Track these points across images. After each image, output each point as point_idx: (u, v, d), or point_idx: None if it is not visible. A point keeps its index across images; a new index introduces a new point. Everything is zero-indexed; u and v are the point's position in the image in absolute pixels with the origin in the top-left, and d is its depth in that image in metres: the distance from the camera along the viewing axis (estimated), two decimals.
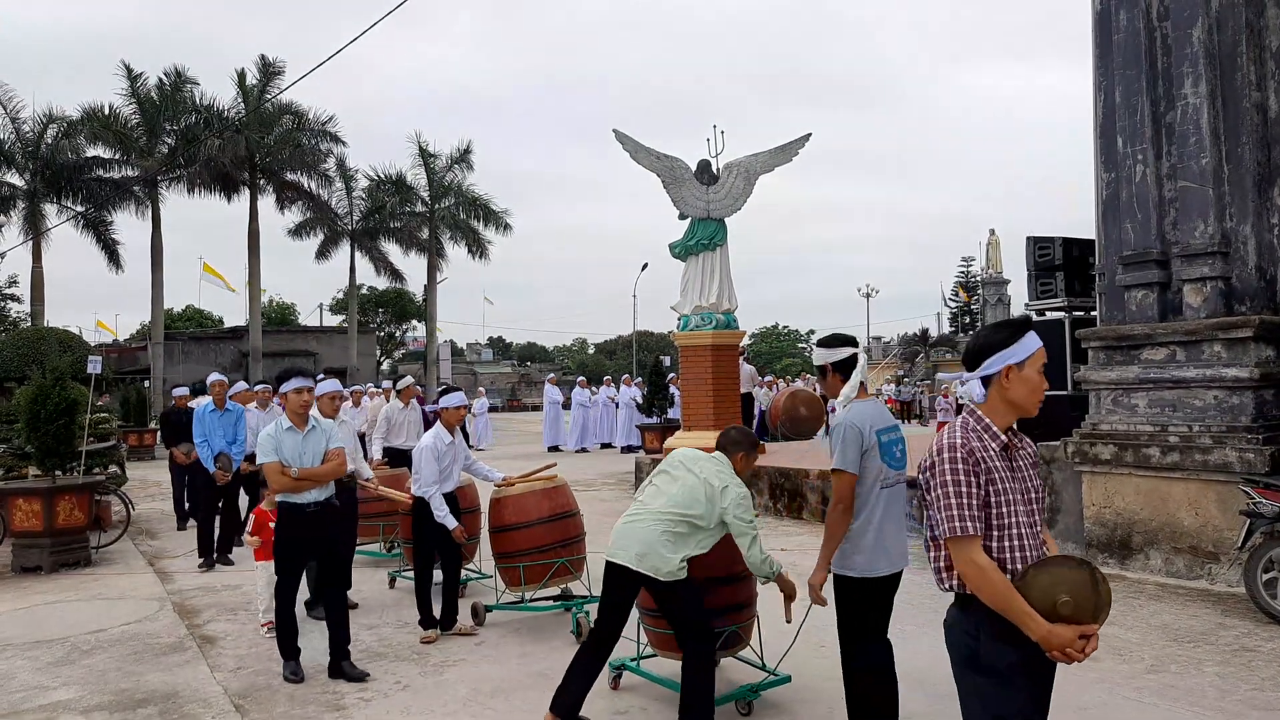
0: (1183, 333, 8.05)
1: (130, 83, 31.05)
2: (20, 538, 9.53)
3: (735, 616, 5.00)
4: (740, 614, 5.04)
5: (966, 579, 2.66)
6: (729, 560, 4.91)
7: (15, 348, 14.23)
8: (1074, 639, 2.52)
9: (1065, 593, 2.52)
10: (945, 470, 2.69)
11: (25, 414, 10.07)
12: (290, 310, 59.30)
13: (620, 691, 5.34)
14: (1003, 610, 2.58)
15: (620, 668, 5.39)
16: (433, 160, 37.78)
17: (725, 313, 14.12)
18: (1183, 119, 8.25)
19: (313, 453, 5.88)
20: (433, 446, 6.62)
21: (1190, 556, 7.69)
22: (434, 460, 6.57)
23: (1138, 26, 8.52)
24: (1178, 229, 8.31)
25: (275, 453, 5.80)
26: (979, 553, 2.64)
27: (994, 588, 2.58)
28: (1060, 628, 2.52)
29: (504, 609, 6.91)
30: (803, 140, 14.66)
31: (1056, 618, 2.52)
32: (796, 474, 11.72)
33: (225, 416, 9.77)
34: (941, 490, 2.68)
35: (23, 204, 30.53)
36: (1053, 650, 2.54)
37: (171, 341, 34.70)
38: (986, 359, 2.78)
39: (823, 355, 4.33)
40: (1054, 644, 2.53)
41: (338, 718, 5.12)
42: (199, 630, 7.04)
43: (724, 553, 4.88)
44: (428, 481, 6.55)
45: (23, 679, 5.96)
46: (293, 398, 5.91)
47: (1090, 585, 2.54)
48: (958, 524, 2.63)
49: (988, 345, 2.79)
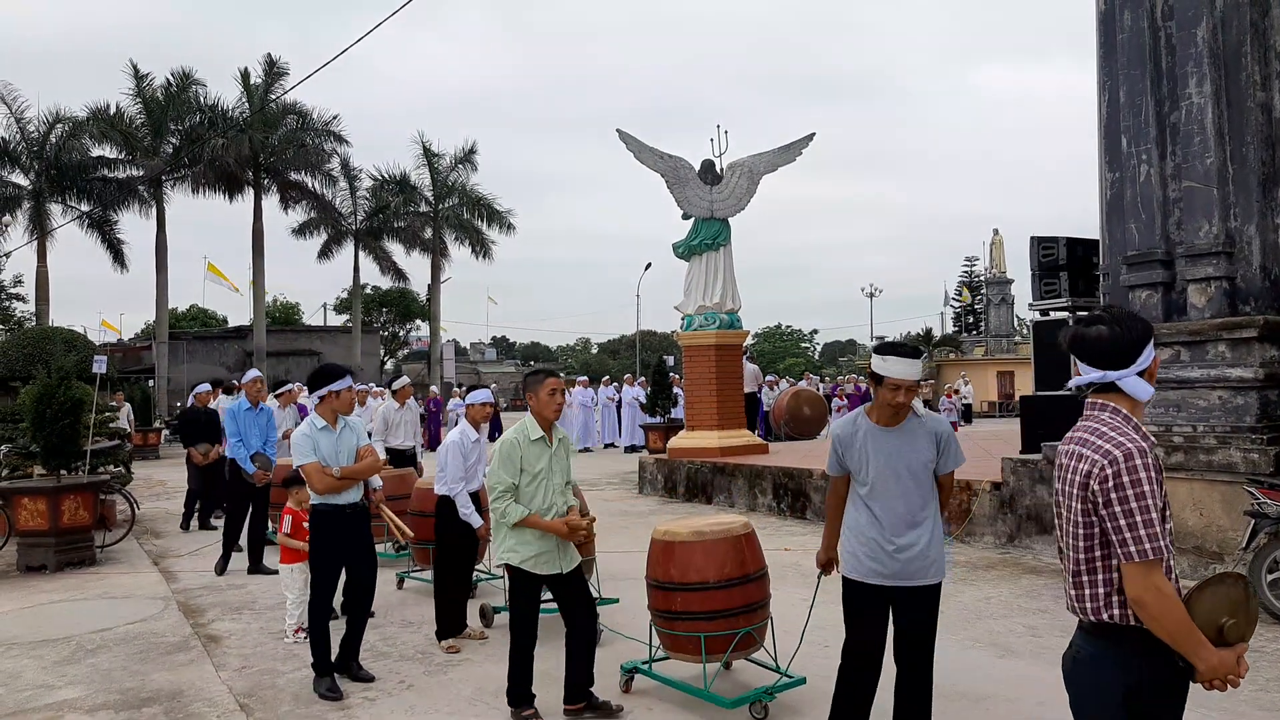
0: (1187, 333, 8.05)
1: (136, 82, 31.14)
2: (25, 537, 9.56)
3: (749, 618, 4.92)
4: (754, 615, 4.96)
5: (1144, 606, 2.31)
6: (740, 561, 4.87)
7: (21, 347, 14.26)
8: (1234, 664, 2.31)
9: (1228, 614, 2.32)
10: (1141, 480, 2.32)
11: (31, 413, 10.10)
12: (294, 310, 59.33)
13: (632, 694, 5.29)
14: (1178, 639, 2.29)
15: (633, 670, 5.33)
16: (436, 160, 37.84)
17: (729, 312, 14.15)
18: (1187, 119, 8.24)
19: (346, 451, 5.77)
20: (458, 443, 6.45)
21: (1195, 557, 7.68)
22: (459, 457, 6.40)
23: (1142, 26, 8.52)
24: (1182, 229, 8.30)
25: (314, 453, 5.64)
26: (1162, 577, 2.31)
27: (1177, 616, 2.28)
28: (1226, 653, 2.30)
29: None
30: (806, 140, 14.68)
31: (1220, 642, 2.31)
32: (800, 474, 11.72)
33: (260, 415, 9.52)
34: (1137, 503, 2.31)
35: (28, 203, 30.61)
36: (1215, 679, 2.31)
37: (176, 341, 34.72)
38: (1144, 349, 2.46)
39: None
40: (1221, 672, 2.29)
41: (343, 716, 5.14)
42: (204, 629, 7.06)
43: (734, 553, 4.85)
44: (452, 479, 6.37)
45: (29, 678, 5.98)
46: (345, 395, 5.83)
47: (1246, 603, 2.35)
48: (1153, 544, 2.29)
49: (1144, 335, 2.47)
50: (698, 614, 4.88)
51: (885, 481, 4.01)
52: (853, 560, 4.06)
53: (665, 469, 14.15)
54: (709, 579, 4.87)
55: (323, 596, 5.69)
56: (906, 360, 3.93)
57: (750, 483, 12.51)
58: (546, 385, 5.03)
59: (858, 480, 4.08)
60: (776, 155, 14.55)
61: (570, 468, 5.21)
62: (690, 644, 4.91)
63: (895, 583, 4.00)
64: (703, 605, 4.87)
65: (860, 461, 4.04)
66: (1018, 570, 8.29)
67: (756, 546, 5.13)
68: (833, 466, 4.19)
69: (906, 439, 4.04)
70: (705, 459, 13.51)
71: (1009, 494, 9.16)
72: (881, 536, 3.98)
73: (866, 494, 4.04)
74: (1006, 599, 7.24)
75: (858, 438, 4.07)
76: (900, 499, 4.00)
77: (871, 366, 4.00)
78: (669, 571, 4.97)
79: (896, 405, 3.95)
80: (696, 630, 4.87)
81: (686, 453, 13.95)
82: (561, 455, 5.12)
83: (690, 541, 4.96)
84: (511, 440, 4.98)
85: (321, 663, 5.58)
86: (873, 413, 4.08)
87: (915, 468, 4.03)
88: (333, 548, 5.69)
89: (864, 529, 4.03)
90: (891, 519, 3.99)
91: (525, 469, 4.93)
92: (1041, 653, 5.88)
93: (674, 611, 4.95)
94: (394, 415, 10.33)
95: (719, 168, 14.34)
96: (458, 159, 37.99)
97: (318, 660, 5.59)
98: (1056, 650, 5.79)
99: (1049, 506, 8.79)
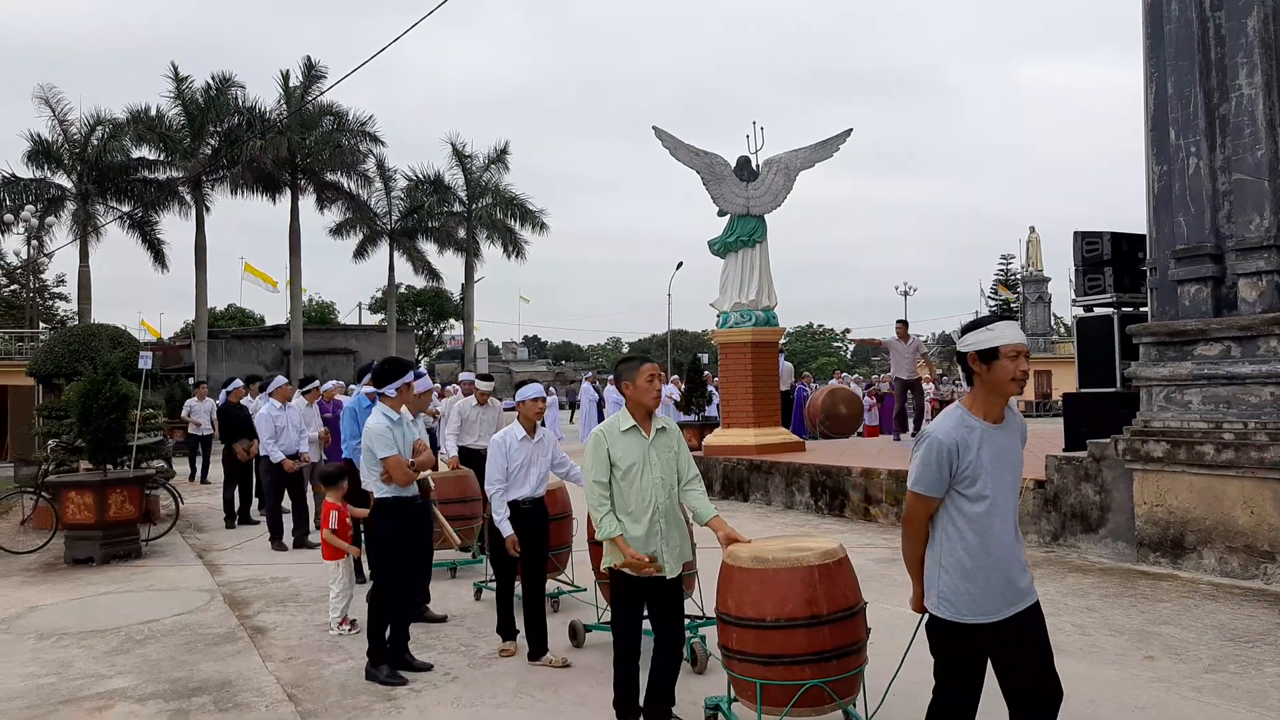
0: (1238, 328, 7.90)
1: (177, 84, 31.59)
2: (73, 530, 9.71)
3: (819, 668, 4.03)
4: (825, 665, 4.05)
5: None
6: (809, 598, 4.07)
7: (66, 344, 14.50)
8: None
9: None
10: None
11: (77, 409, 10.26)
12: (329, 309, 59.95)
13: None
14: None
15: (716, 708, 4.64)
16: (469, 161, 38.06)
17: (765, 309, 14.07)
18: (1237, 110, 8.08)
19: (407, 444, 5.85)
20: (501, 442, 5.95)
21: (1245, 556, 7.54)
22: (500, 457, 5.88)
23: (1190, 16, 8.37)
24: (1232, 222, 8.15)
25: (395, 445, 5.67)
26: None
27: None
28: None
29: (606, 629, 5.63)
30: (844, 135, 14.56)
31: None
32: (838, 471, 11.65)
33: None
34: None
35: (71, 205, 31.17)
36: None
37: (215, 340, 35.22)
38: None
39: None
40: None
41: (389, 708, 5.16)
42: (249, 621, 7.13)
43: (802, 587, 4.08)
44: (491, 480, 5.89)
45: (79, 667, 6.07)
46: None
47: None
48: None
49: None
50: (753, 656, 4.11)
51: (1004, 492, 3.27)
52: (963, 600, 3.22)
53: (701, 466, 13.99)
54: (765, 616, 4.08)
55: (390, 588, 5.71)
56: (1011, 322, 3.27)
57: (787, 480, 12.45)
58: (644, 371, 4.56)
59: (968, 496, 3.22)
60: (814, 151, 14.45)
61: (681, 463, 4.65)
62: (747, 689, 4.18)
63: (1011, 611, 3.24)
64: (758, 647, 4.09)
65: (976, 470, 3.21)
66: (1063, 569, 8.18)
67: (840, 579, 4.18)
68: (934, 483, 3.23)
69: (1012, 436, 3.35)
70: (741, 456, 13.46)
71: (1053, 492, 9.04)
72: (1006, 559, 3.24)
73: (984, 511, 3.22)
74: (1053, 598, 7.14)
75: (974, 439, 3.23)
76: (1013, 512, 3.34)
77: (969, 347, 3.26)
78: (727, 602, 4.27)
79: (1022, 377, 3.22)
80: (752, 675, 4.12)
81: (722, 450, 13.91)
82: (663, 448, 4.57)
83: (749, 569, 4.19)
84: (599, 433, 4.57)
85: (378, 651, 5.62)
86: (977, 407, 3.28)
87: (1020, 471, 3.38)
88: (401, 538, 5.74)
89: (977, 555, 3.21)
90: (1009, 538, 3.28)
91: (616, 463, 4.46)
92: (1091, 651, 5.80)
93: (731, 650, 4.25)
94: (471, 412, 9.87)
95: (755, 164, 14.27)
96: (491, 159, 38.23)
97: (374, 649, 5.63)
98: (1105, 649, 5.77)
99: (1094, 504, 8.67)
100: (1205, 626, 6.30)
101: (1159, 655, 5.71)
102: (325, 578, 7.05)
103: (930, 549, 3.33)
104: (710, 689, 5.02)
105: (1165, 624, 6.38)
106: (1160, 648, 5.85)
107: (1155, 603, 6.95)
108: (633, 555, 4.36)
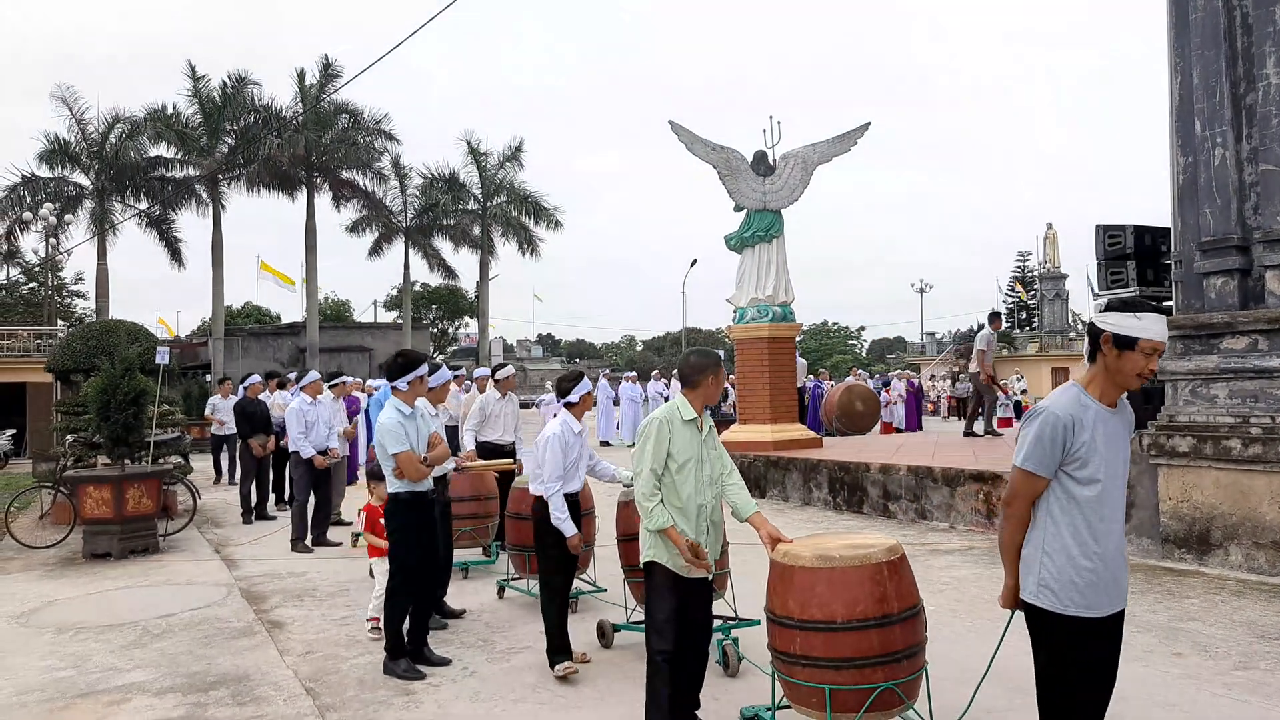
0: (1265, 321, 7.78)
1: (194, 83, 31.65)
2: (91, 525, 9.72)
3: (890, 670, 3.86)
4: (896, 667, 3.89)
5: None
6: (879, 596, 3.89)
7: (84, 340, 14.57)
8: None
9: None
10: None
11: (95, 404, 10.30)
12: (345, 306, 60.10)
13: None
14: None
15: (754, 718, 4.51)
16: (483, 159, 38.04)
17: (782, 305, 13.98)
18: (1264, 100, 7.96)
19: (422, 438, 5.82)
20: (559, 436, 5.60)
21: (1273, 552, 7.42)
22: (559, 453, 5.56)
23: (1216, 5, 8.24)
24: (1259, 214, 8.02)
25: (408, 441, 5.65)
26: None
27: None
28: None
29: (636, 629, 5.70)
30: (862, 129, 14.46)
31: None
32: (856, 467, 11.56)
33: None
34: None
35: (89, 203, 31.33)
36: None
37: (231, 337, 35.31)
38: None
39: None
40: None
41: (408, 702, 5.13)
42: (266, 616, 7.11)
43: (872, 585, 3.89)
44: (550, 477, 5.50)
45: (97, 660, 6.07)
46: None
47: None
48: None
49: None
50: (821, 661, 3.87)
51: (1115, 478, 3.14)
52: (1067, 589, 3.07)
53: None
54: (836, 618, 3.85)
55: (405, 582, 5.67)
56: (1161, 318, 3.11)
57: (805, 476, 12.37)
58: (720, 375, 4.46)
59: (1079, 479, 3.07)
60: (831, 145, 14.35)
61: (726, 461, 4.52)
62: (812, 697, 3.91)
63: (1111, 610, 3.14)
64: (827, 651, 3.86)
65: (1089, 452, 3.06)
66: None
67: (905, 576, 4.02)
68: (1045, 460, 3.07)
69: (1124, 424, 3.22)
70: (759, 452, 13.39)
71: None
72: (1113, 551, 3.12)
73: (1096, 496, 3.07)
74: None
75: (1089, 418, 3.08)
76: (1122, 502, 3.20)
77: (1111, 328, 3.09)
78: (787, 604, 3.98)
79: (1148, 375, 3.10)
80: (819, 681, 3.87)
81: (739, 446, 13.83)
82: (712, 444, 4.44)
83: (814, 568, 3.95)
84: (662, 420, 4.31)
85: (397, 645, 5.59)
86: (1094, 387, 3.13)
87: (1128, 461, 3.26)
88: (418, 533, 5.72)
89: (1086, 543, 3.07)
90: (1118, 528, 3.16)
91: (673, 454, 4.27)
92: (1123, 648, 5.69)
93: (793, 655, 3.96)
94: (493, 405, 9.33)
95: (771, 159, 14.18)
96: (505, 156, 38.19)
97: (393, 643, 5.60)
98: (1133, 645, 5.66)
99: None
100: (1233, 623, 6.20)
101: (1187, 652, 5.61)
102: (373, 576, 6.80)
103: (1032, 534, 3.17)
104: (738, 691, 4.97)
105: (1192, 620, 6.28)
106: (1188, 644, 5.76)
107: (1181, 599, 6.85)
108: (689, 546, 4.19)
